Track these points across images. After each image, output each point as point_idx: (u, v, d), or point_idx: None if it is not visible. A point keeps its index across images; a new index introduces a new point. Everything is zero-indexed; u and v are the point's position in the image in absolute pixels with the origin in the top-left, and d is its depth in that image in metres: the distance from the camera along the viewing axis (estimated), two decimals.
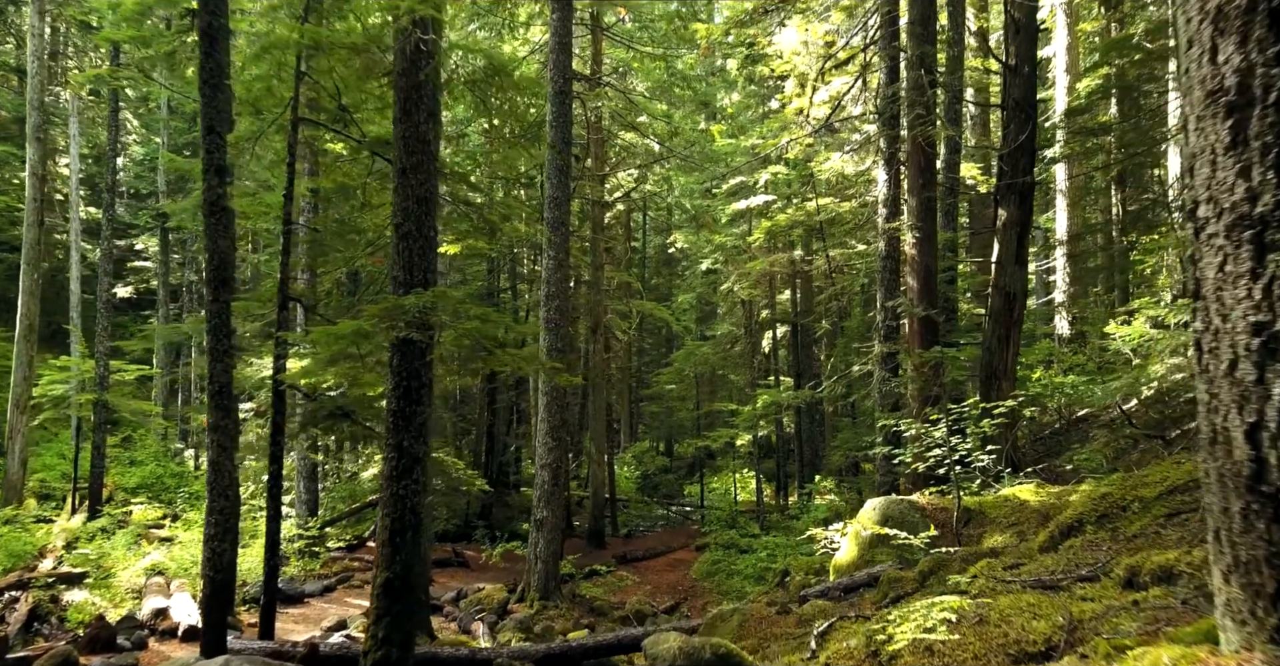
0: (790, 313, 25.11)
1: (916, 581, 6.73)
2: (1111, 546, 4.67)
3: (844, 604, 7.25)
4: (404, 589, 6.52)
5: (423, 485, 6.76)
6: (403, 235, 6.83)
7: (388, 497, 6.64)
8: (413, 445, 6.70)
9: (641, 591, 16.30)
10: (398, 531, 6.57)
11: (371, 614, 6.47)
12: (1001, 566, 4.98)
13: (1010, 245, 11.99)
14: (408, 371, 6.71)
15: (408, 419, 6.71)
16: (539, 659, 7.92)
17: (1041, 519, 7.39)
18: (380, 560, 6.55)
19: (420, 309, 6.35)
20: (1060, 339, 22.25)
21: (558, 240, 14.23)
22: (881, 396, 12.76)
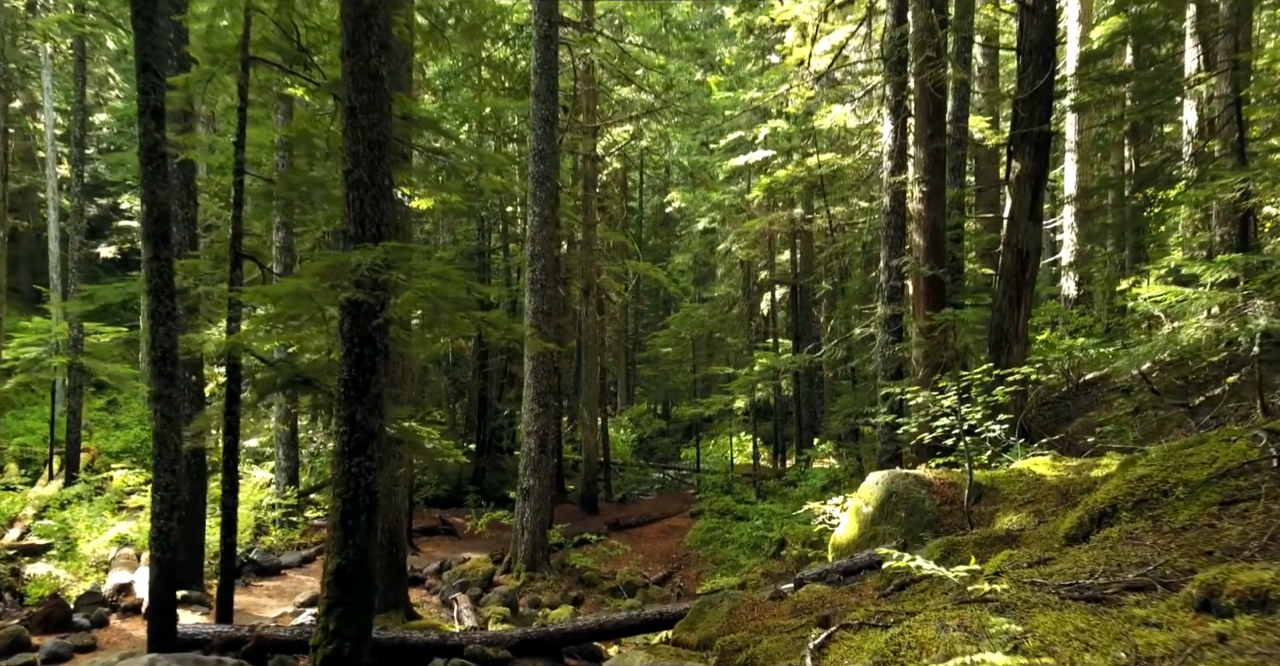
0: (790, 273, 24.35)
1: None
2: (1156, 541, 4.01)
3: (844, 588, 6.66)
4: (358, 577, 5.90)
5: (379, 462, 6.11)
6: (353, 183, 6.08)
7: (339, 476, 5.99)
8: (367, 418, 6.03)
9: (633, 560, 15.81)
10: (351, 513, 5.93)
11: (322, 603, 5.86)
12: (1026, 561, 4.34)
13: (1024, 199, 11.23)
14: (360, 337, 6.02)
15: (361, 389, 6.03)
16: (514, 645, 7.36)
17: (1061, 497, 6.76)
18: (331, 545, 5.93)
19: (370, 266, 5.63)
20: (1066, 300, 21.56)
21: (543, 195, 13.44)
22: (884, 361, 12.09)
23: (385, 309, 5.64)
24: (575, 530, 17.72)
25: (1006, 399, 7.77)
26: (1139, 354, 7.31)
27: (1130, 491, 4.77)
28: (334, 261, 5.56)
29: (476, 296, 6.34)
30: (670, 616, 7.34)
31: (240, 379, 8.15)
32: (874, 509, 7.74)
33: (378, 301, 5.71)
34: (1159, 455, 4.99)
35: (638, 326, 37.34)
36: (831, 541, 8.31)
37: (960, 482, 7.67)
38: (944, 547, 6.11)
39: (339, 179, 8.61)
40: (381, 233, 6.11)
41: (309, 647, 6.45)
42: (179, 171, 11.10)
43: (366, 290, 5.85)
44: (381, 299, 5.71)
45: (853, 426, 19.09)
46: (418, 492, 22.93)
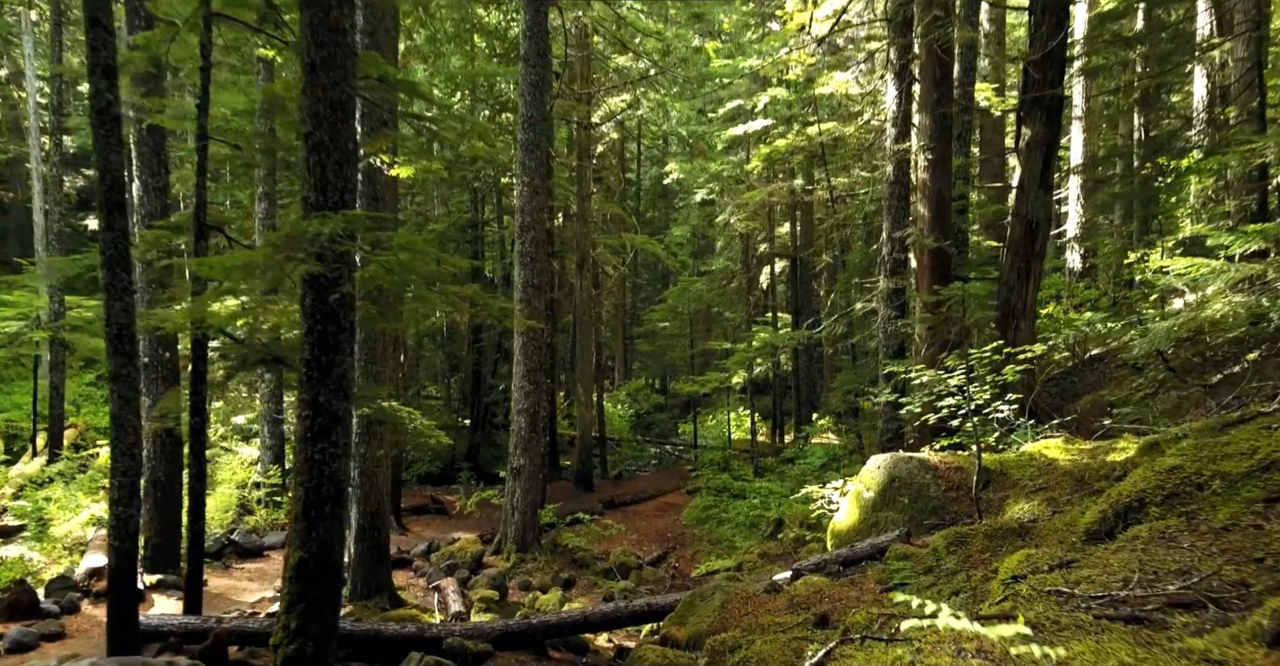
0: (790, 246, 23.81)
1: (930, 559, 5.71)
2: (1195, 543, 3.59)
3: (843, 581, 6.26)
4: (322, 571, 5.49)
5: (345, 448, 5.67)
6: (313, 146, 5.58)
7: (302, 463, 5.56)
8: (330, 401, 5.59)
9: (627, 540, 15.48)
10: (314, 504, 5.51)
11: (283, 600, 5.46)
12: (1047, 563, 3.91)
13: (1034, 167, 10.71)
14: (322, 313, 5.56)
15: (324, 370, 5.58)
16: (495, 637, 6.98)
17: (1075, 483, 6.35)
18: (293, 537, 5.51)
19: (330, 236, 5.16)
20: (1071, 273, 21.09)
21: (532, 164, 12.90)
22: (886, 337, 11.64)
23: (346, 283, 5.17)
24: (569, 508, 17.38)
25: (1016, 378, 7.33)
26: (1159, 331, 6.85)
27: (1159, 484, 4.33)
28: (289, 231, 5.08)
29: (449, 269, 5.87)
30: (659, 609, 6.96)
31: (206, 357, 7.70)
32: (875, 494, 7.33)
33: (340, 275, 5.24)
34: (1190, 444, 4.55)
35: (635, 300, 36.83)
36: (830, 527, 7.91)
37: (967, 467, 7.25)
38: (950, 539, 5.70)
39: None
40: (345, 200, 5.63)
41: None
42: (148, 138, 10.59)
43: (328, 262, 5.38)
44: (341, 272, 5.24)
45: (853, 405, 18.68)
46: (410, 469, 22.64)
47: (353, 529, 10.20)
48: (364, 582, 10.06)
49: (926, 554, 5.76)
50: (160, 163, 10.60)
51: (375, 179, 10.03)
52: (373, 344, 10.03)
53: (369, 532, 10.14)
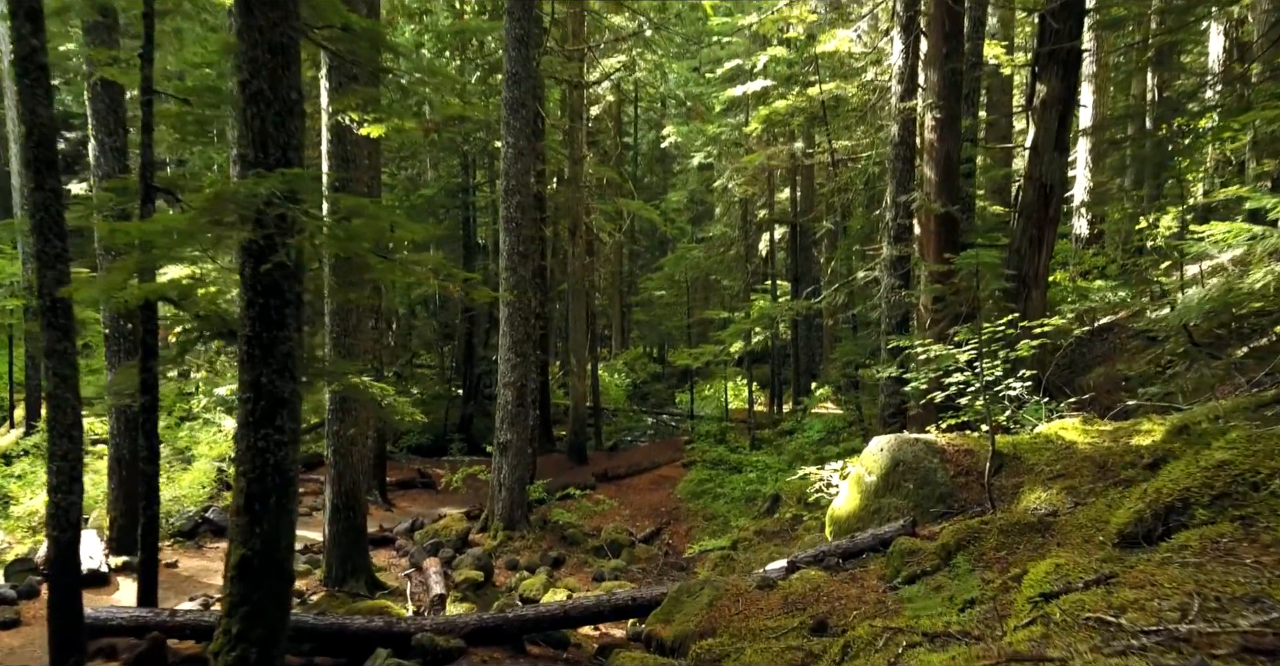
0: (789, 212, 23.12)
1: (938, 556, 5.19)
2: (1259, 558, 3.04)
3: (843, 576, 5.75)
4: (268, 570, 4.97)
5: (292, 434, 5.12)
6: (250, 96, 4.95)
7: (244, 451, 5.01)
8: (275, 382, 5.02)
9: (620, 516, 15.02)
10: (257, 496, 4.97)
11: (225, 602, 4.95)
12: (1081, 577, 3.37)
13: (1050, 127, 10.07)
14: (264, 285, 4.97)
15: (266, 348, 5.01)
16: (468, 632, 6.49)
17: (1097, 470, 5.81)
18: (235, 532, 4.98)
19: (266, 198, 4.55)
20: (1078, 239, 20.44)
21: (517, 124, 12.21)
22: (889, 307, 11.06)
23: (281, 251, 4.57)
24: (562, 481, 16.92)
25: (1031, 353, 6.77)
26: (1191, 303, 6.28)
27: (1206, 481, 3.79)
28: (220, 193, 4.47)
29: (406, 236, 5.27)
30: (644, 602, 6.46)
31: (155, 331, 7.13)
32: (878, 479, 6.81)
33: (273, 242, 4.64)
34: (1240, 435, 4.00)
35: (633, 268, 36.16)
36: (829, 513, 7.41)
37: (978, 450, 6.72)
38: (962, 534, 5.17)
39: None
40: (289, 158, 5.01)
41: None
42: (104, 93, 9.92)
43: (269, 228, 4.78)
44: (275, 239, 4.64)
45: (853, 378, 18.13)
46: (400, 441, 22.20)
47: (327, 509, 9.72)
48: (339, 566, 9.60)
49: (935, 550, 5.24)
50: (118, 121, 9.94)
51: (345, 138, 9.39)
52: (344, 315, 9.47)
53: (344, 513, 9.65)
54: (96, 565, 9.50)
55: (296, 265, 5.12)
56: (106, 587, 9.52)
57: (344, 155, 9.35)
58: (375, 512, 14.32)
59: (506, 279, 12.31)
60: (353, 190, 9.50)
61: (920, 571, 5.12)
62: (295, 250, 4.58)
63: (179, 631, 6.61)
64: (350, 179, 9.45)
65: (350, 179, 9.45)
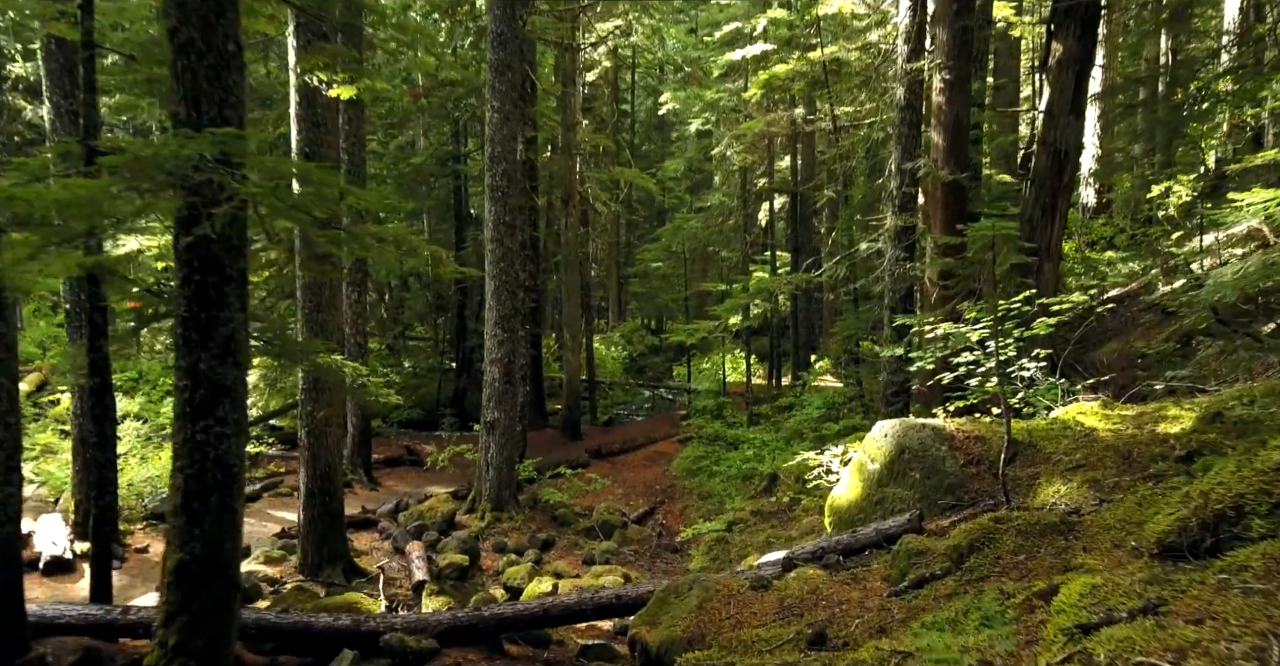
0: (790, 181, 22.48)
1: (949, 559, 4.72)
2: None
3: (844, 576, 5.29)
4: (209, 574, 4.50)
5: (236, 425, 4.63)
6: (180, 46, 4.39)
7: (181, 445, 4.53)
8: (214, 367, 4.52)
9: (613, 494, 14.62)
10: (196, 494, 4.49)
11: (160, 611, 4.48)
12: (1124, 602, 2.89)
13: (1065, 89, 9.47)
14: (201, 260, 4.45)
15: (204, 330, 4.50)
16: (442, 632, 6.06)
17: (1122, 460, 5.33)
18: (173, 534, 4.51)
19: (197, 162, 4.02)
20: (1085, 209, 19.86)
21: (503, 88, 11.59)
22: (893, 281, 10.52)
23: (205, 223, 4.04)
24: (554, 458, 16.51)
25: (1048, 331, 6.25)
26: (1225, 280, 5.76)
27: (1264, 487, 3.30)
28: (138, 153, 3.94)
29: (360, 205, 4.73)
30: (629, 601, 6.02)
31: (105, 307, 6.62)
32: (882, 467, 6.34)
33: (197, 212, 4.11)
34: None
35: (630, 238, 35.52)
36: (829, 502, 6.94)
37: (989, 436, 6.24)
38: (975, 534, 4.70)
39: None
40: (226, 116, 4.46)
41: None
42: (56, 53, 9.32)
43: (206, 196, 4.25)
44: (198, 208, 4.11)
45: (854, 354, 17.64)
46: (391, 415, 21.74)
47: (302, 493, 9.27)
48: (315, 552, 9.18)
49: (945, 551, 4.77)
50: (74, 82, 9.31)
51: (316, 101, 8.79)
52: (317, 290, 8.94)
53: (320, 497, 9.21)
54: (60, 551, 9.08)
55: (239, 238, 4.61)
56: (71, 575, 9.10)
57: (314, 119, 8.76)
58: (360, 492, 13.93)
59: (492, 251, 11.78)
60: (324, 156, 8.94)
61: (929, 574, 4.65)
62: (224, 220, 4.05)
63: (132, 630, 6.18)
64: (322, 144, 8.87)
65: (322, 144, 8.87)
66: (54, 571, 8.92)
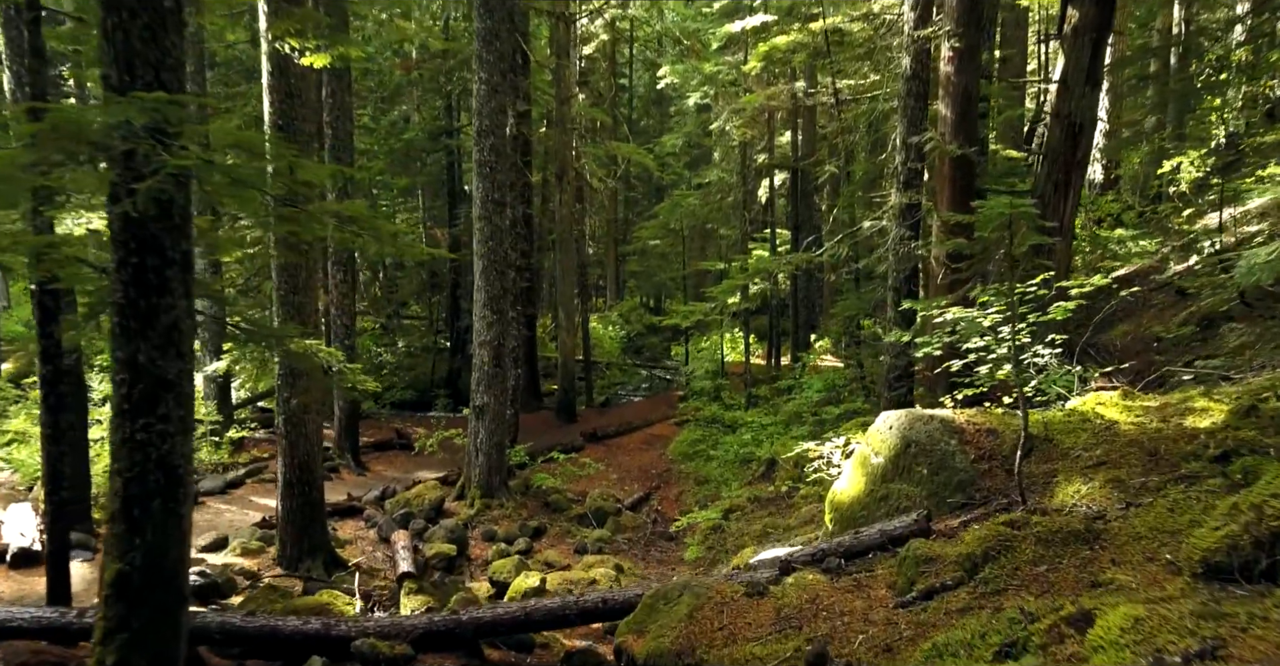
0: (790, 156, 21.93)
1: (961, 567, 4.33)
2: None
3: (846, 582, 4.91)
4: (152, 587, 4.11)
5: (181, 423, 4.22)
6: (110, 2, 3.94)
7: (118, 445, 4.12)
8: (156, 360, 4.11)
9: (607, 479, 14.27)
10: (137, 499, 4.09)
11: (98, 626, 4.10)
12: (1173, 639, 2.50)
13: (1082, 58, 8.98)
14: (139, 241, 4.02)
15: (144, 318, 4.08)
16: (416, 637, 5.69)
17: (1148, 457, 4.93)
18: (111, 543, 4.12)
19: (124, 129, 3.57)
20: (1093, 185, 19.33)
21: (491, 58, 11.08)
22: (897, 260, 10.08)
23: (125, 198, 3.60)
24: (548, 442, 16.15)
25: (1066, 316, 5.82)
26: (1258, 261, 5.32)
27: None
28: (57, 122, 3.50)
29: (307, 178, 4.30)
30: (615, 606, 5.64)
31: (58, 292, 6.20)
32: (886, 461, 5.94)
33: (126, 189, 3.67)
34: None
35: (628, 215, 34.92)
36: (830, 497, 6.56)
37: (1002, 429, 5.83)
38: (990, 541, 4.31)
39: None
40: (163, 80, 4.00)
41: None
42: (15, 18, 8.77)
43: (138, 167, 3.81)
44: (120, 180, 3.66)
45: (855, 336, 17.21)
46: (384, 396, 21.37)
47: (280, 484, 8.90)
48: (294, 544, 8.82)
49: (956, 558, 4.38)
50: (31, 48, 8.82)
51: (289, 71, 8.30)
52: (293, 271, 8.51)
53: (299, 487, 8.83)
54: (28, 543, 8.70)
55: (182, 216, 4.17)
56: (40, 567, 8.65)
57: (287, 89, 8.28)
58: (347, 477, 13.58)
59: (480, 229, 11.32)
60: (299, 129, 8.47)
61: (939, 585, 4.27)
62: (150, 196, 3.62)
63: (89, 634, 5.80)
64: (296, 116, 8.40)
65: (296, 116, 8.40)
66: (21, 564, 8.55)
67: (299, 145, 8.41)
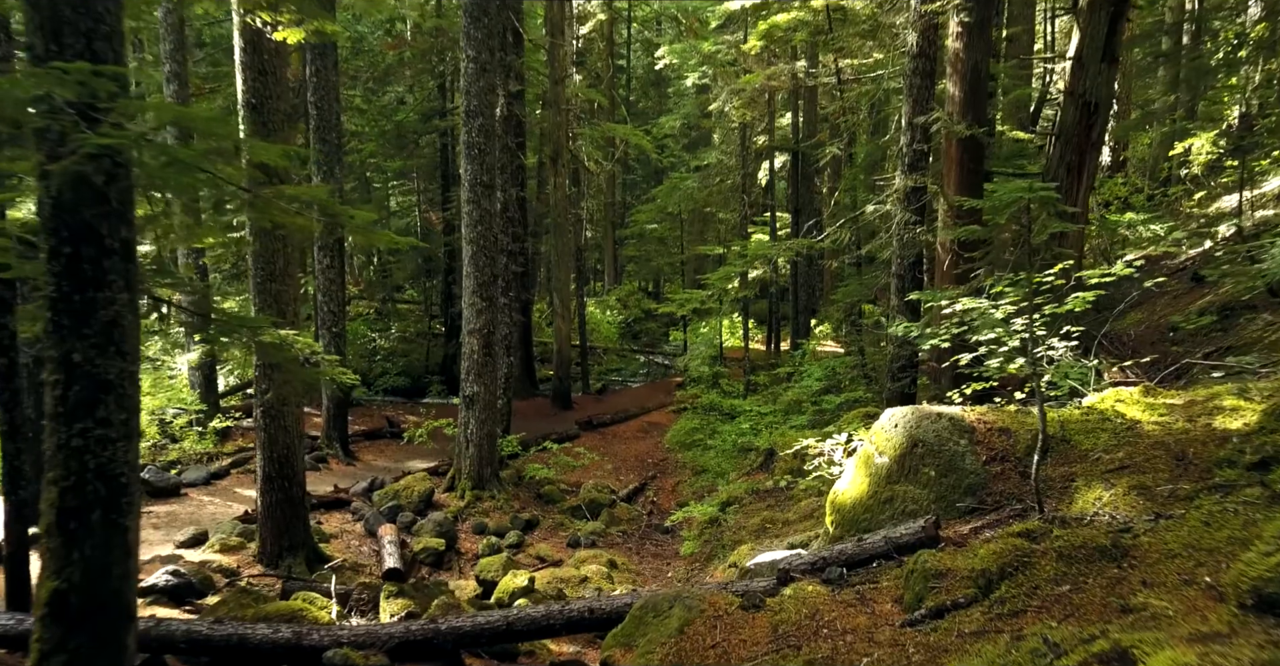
0: (790, 138, 21.46)
1: (974, 584, 3.99)
2: None
3: (848, 594, 4.57)
4: (93, 608, 3.77)
5: (124, 427, 3.85)
6: None
7: (53, 452, 3.75)
8: (94, 359, 3.74)
9: (602, 469, 13.94)
10: (75, 511, 3.73)
11: (34, 650, 3.75)
12: None
13: (1097, 33, 8.56)
14: (73, 228, 3.64)
15: (79, 314, 3.71)
16: (393, 647, 5.37)
17: (1175, 462, 4.58)
18: (47, 559, 3.77)
19: (47, 105, 3.19)
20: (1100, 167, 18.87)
21: (479, 35, 10.64)
22: (901, 246, 9.69)
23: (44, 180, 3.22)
24: (542, 430, 15.83)
25: (1084, 307, 5.45)
26: None
27: None
28: None
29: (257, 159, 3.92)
30: (601, 615, 5.31)
31: (12, 282, 5.83)
32: (891, 461, 5.59)
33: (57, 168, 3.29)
34: None
35: (627, 198, 34.42)
36: (831, 498, 6.21)
37: (1015, 428, 5.48)
38: (1005, 556, 3.96)
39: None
40: (98, 50, 3.61)
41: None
42: None
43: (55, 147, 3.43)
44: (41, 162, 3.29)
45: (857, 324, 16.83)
46: (376, 383, 21.04)
47: (259, 478, 8.56)
48: (274, 541, 8.49)
49: (969, 574, 4.04)
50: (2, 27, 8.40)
51: (261, 47, 7.88)
52: (270, 257, 8.13)
53: (278, 482, 8.48)
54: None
55: (121, 201, 3.79)
56: None
57: (260, 66, 7.86)
58: (336, 467, 13.26)
59: (469, 213, 10.94)
60: (274, 109, 8.06)
61: (950, 603, 3.93)
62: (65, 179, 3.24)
63: None
64: (270, 95, 7.99)
65: (270, 95, 7.99)
66: None
67: (273, 125, 8.02)
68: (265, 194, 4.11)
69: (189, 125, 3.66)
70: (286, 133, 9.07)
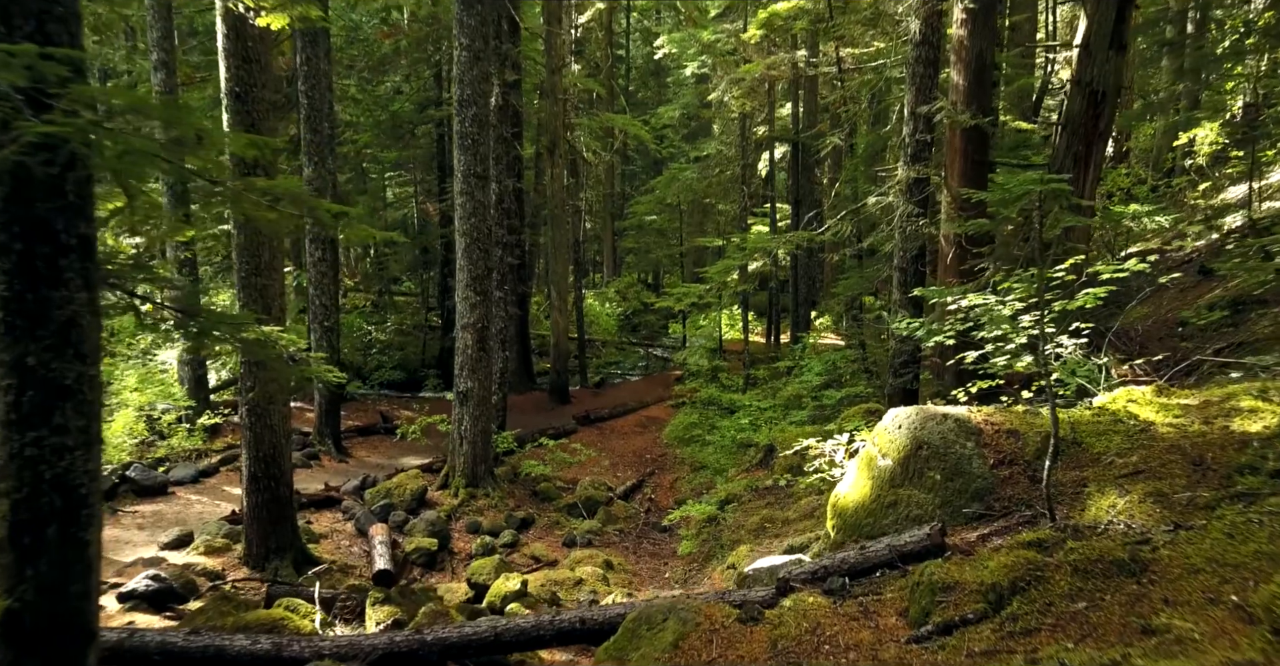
0: (791, 129, 21.19)
1: (983, 598, 3.77)
2: None
3: (851, 606, 4.36)
4: (49, 627, 3.55)
5: (83, 435, 3.63)
6: None
7: (6, 461, 3.53)
8: (49, 362, 3.52)
9: (599, 466, 13.74)
10: (29, 525, 3.52)
11: None
12: None
13: (1105, 20, 8.30)
14: (24, 224, 3.42)
15: (33, 315, 3.48)
16: (376, 659, 5.16)
17: (1192, 466, 4.36)
18: (2, 577, 3.56)
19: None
20: None
21: (473, 23, 10.39)
22: (904, 238, 9.47)
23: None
24: (539, 425, 15.63)
25: (1096, 304, 5.23)
26: None
27: None
28: None
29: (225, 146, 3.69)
30: (593, 626, 5.11)
31: None
32: (894, 464, 5.38)
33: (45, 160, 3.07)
34: None
35: (626, 189, 34.13)
36: (832, 501, 6.00)
37: (1023, 430, 5.26)
38: (1017, 569, 3.75)
39: None
40: (51, 33, 3.39)
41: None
42: None
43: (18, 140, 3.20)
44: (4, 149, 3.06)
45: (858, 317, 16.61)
46: (372, 376, 20.85)
47: (244, 478, 8.35)
48: (260, 542, 8.29)
49: (978, 587, 3.83)
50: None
51: (244, 33, 7.63)
52: (254, 251, 7.90)
53: (265, 482, 8.28)
54: None
55: (79, 194, 3.56)
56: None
57: (244, 54, 7.62)
58: (328, 464, 13.06)
59: (463, 205, 10.71)
60: (259, 97, 7.82)
61: (959, 619, 3.72)
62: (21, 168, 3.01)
63: None
64: (255, 83, 7.74)
65: (255, 83, 7.74)
66: None
67: (259, 115, 7.78)
68: (234, 186, 3.88)
69: (146, 112, 3.44)
70: (273, 122, 8.83)
